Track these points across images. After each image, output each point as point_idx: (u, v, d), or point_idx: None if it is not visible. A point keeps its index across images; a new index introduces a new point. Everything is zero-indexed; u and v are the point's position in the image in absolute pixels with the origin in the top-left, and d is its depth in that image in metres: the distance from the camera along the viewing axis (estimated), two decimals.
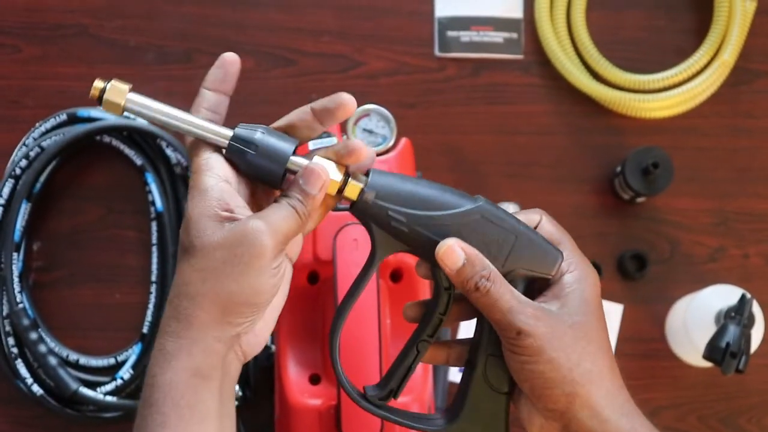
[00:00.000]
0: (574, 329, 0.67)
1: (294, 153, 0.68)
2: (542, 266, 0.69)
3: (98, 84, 0.70)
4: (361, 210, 0.68)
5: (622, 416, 0.69)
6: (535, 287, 0.70)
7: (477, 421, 0.71)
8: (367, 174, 0.69)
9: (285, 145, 0.68)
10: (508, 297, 0.67)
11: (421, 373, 0.90)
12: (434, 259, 0.68)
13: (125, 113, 0.71)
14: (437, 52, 1.15)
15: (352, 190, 0.68)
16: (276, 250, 0.65)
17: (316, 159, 0.68)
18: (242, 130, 0.68)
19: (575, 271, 0.70)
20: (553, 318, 0.67)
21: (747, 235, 1.13)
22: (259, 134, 0.68)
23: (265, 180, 0.68)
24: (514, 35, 1.16)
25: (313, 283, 0.91)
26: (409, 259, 0.91)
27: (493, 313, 0.67)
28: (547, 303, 0.69)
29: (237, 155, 0.67)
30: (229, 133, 0.68)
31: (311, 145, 0.93)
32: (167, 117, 0.70)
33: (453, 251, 0.67)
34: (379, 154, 0.95)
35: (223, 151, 0.68)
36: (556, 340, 0.66)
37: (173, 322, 0.66)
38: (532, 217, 0.73)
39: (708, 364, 1.04)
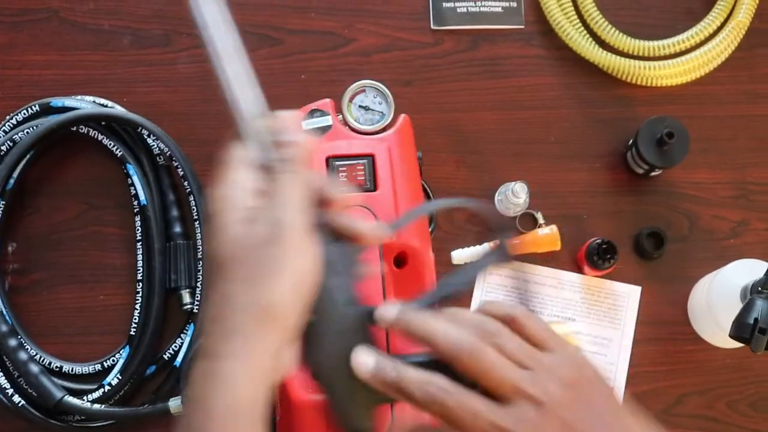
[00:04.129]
0: None
1: None
2: None
3: None
4: None
5: None
6: None
7: None
8: None
9: None
10: None
11: None
12: None
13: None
14: (432, 26, 1.14)
15: None
16: (304, 227, 0.64)
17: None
18: None
19: None
20: None
21: None
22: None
23: None
24: (514, 4, 1.15)
25: None
26: (414, 243, 0.90)
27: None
28: None
29: None
30: None
31: (305, 124, 0.92)
32: None
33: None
34: (377, 132, 0.94)
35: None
36: None
37: (225, 341, 0.62)
38: None
39: (735, 345, 1.03)
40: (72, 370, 1.05)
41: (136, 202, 1.06)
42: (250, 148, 0.65)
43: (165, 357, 1.05)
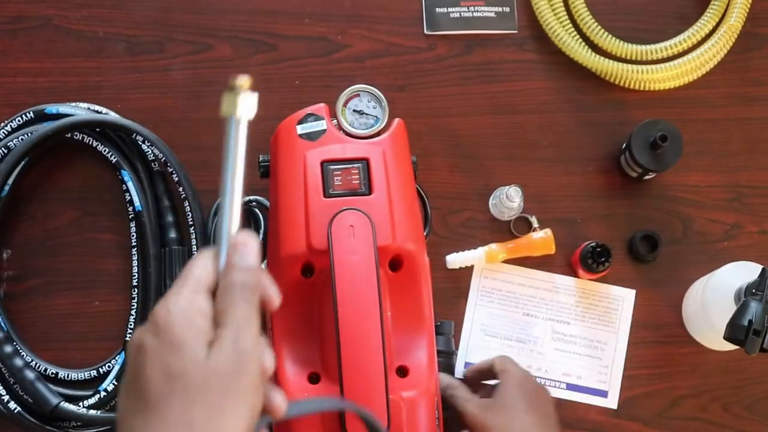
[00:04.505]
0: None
1: None
2: None
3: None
4: None
5: None
6: None
7: None
8: None
9: None
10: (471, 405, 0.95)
11: (427, 365, 0.89)
12: None
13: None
14: (426, 31, 1.15)
15: None
16: (261, 358, 0.65)
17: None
18: None
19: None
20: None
21: (763, 209, 1.13)
22: None
23: None
24: (507, 9, 1.15)
25: (308, 276, 0.90)
26: (409, 246, 0.90)
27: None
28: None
29: None
30: None
31: (300, 129, 0.93)
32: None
33: None
34: (371, 136, 0.94)
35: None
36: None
37: None
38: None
39: (730, 347, 1.04)
40: (68, 377, 1.05)
41: (131, 208, 1.07)
42: (214, 259, 0.66)
43: None
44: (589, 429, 1.08)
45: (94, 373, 1.05)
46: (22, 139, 1.05)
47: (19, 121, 1.07)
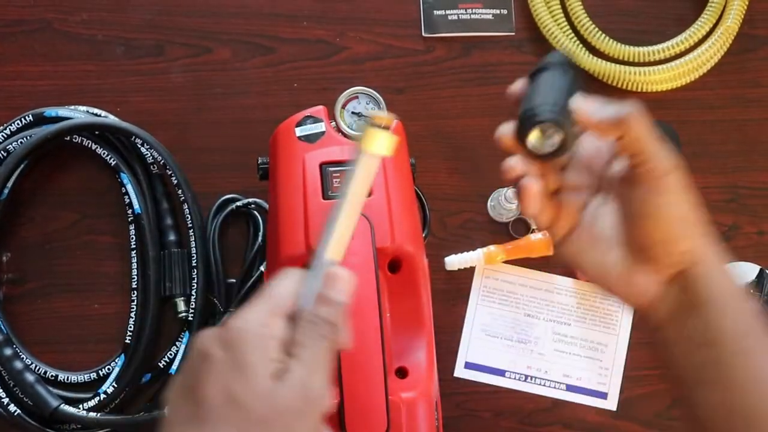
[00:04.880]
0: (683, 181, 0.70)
1: None
2: None
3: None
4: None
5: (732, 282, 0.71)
6: None
7: None
8: None
9: None
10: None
11: (426, 366, 0.90)
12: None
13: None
14: (424, 33, 1.15)
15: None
16: (326, 401, 0.64)
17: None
18: None
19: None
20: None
21: (761, 210, 1.13)
22: None
23: None
24: (504, 11, 1.16)
25: None
26: (408, 248, 0.91)
27: (648, 144, 0.68)
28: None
29: None
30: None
31: (298, 131, 0.93)
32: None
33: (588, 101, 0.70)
34: None
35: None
36: (681, 178, 0.69)
37: None
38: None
39: None
40: (67, 379, 1.05)
41: (130, 211, 1.07)
42: (300, 283, 0.65)
43: (160, 365, 1.06)
44: (589, 430, 1.09)
45: (93, 375, 1.05)
46: (21, 142, 1.06)
47: (18, 124, 1.07)
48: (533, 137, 0.70)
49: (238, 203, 1.08)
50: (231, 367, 0.60)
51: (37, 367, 1.05)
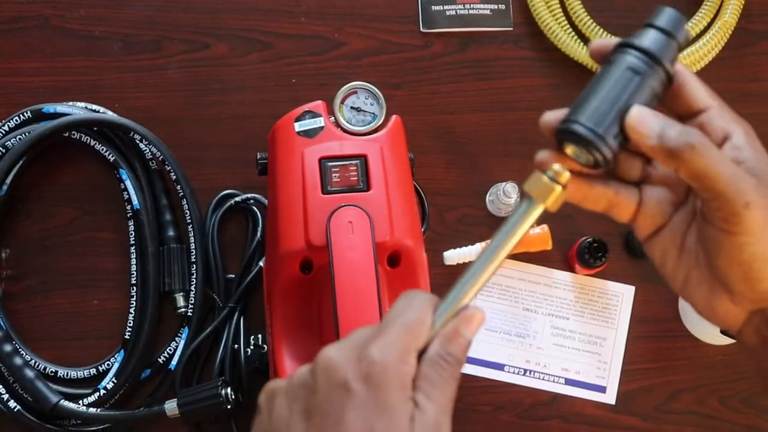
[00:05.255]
0: None
1: None
2: None
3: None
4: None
5: None
6: None
7: None
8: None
9: None
10: (726, 159, 0.61)
11: None
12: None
13: None
14: (422, 28, 1.16)
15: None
16: None
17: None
18: None
19: (739, 130, 0.65)
20: (762, 186, 0.62)
21: None
22: None
23: None
24: (502, 6, 1.16)
25: (307, 273, 0.91)
26: (407, 242, 0.91)
27: (712, 182, 0.61)
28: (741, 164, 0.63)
29: None
30: None
31: (297, 126, 0.94)
32: None
33: (644, 118, 0.62)
34: (369, 133, 0.95)
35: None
36: None
37: None
38: None
39: (726, 341, 1.05)
40: (67, 375, 1.06)
41: (129, 207, 1.07)
42: (433, 313, 0.63)
43: (160, 360, 1.06)
44: (587, 423, 1.09)
45: (93, 371, 1.06)
46: (19, 138, 1.06)
47: (16, 120, 1.08)
48: (569, 150, 0.66)
49: (237, 199, 1.09)
50: (374, 405, 0.58)
51: (37, 363, 1.05)
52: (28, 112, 1.08)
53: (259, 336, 1.04)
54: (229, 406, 1.00)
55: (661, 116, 0.63)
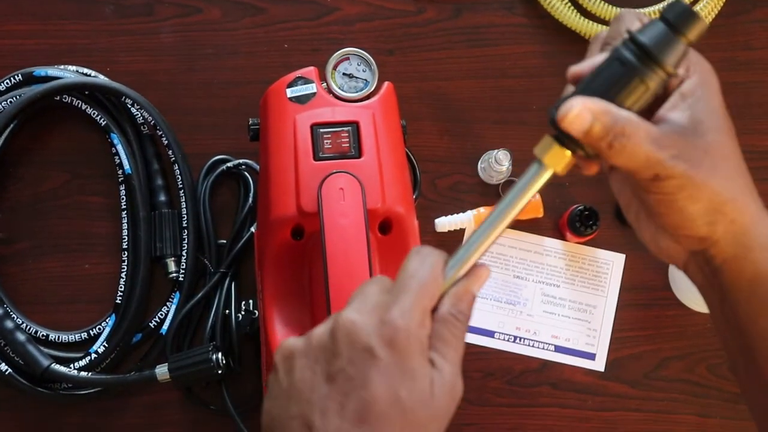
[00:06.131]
0: (711, 153, 0.65)
1: None
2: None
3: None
4: None
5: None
6: None
7: None
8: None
9: None
10: (645, 149, 0.63)
11: None
12: None
13: None
14: None
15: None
16: None
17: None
18: None
19: (694, 76, 0.67)
20: (689, 148, 0.64)
21: (751, 173, 1.12)
22: None
23: None
24: None
25: (298, 239, 0.91)
26: (398, 209, 0.91)
27: (628, 165, 0.64)
28: (673, 121, 0.65)
29: None
30: None
31: (289, 92, 0.93)
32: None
33: (578, 115, 0.63)
34: (361, 99, 0.95)
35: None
36: (696, 174, 0.63)
37: None
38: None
39: None
40: (58, 339, 1.06)
41: (120, 172, 1.07)
42: (444, 271, 0.65)
43: (151, 325, 1.06)
44: (576, 390, 1.10)
45: (84, 335, 1.06)
46: (10, 101, 1.06)
47: (7, 83, 1.07)
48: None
49: (229, 164, 1.09)
50: (398, 371, 0.60)
51: (28, 327, 1.06)
52: (19, 75, 1.08)
53: (251, 301, 1.04)
54: (220, 371, 1.01)
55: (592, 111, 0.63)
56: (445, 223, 1.09)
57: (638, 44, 0.63)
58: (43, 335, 1.06)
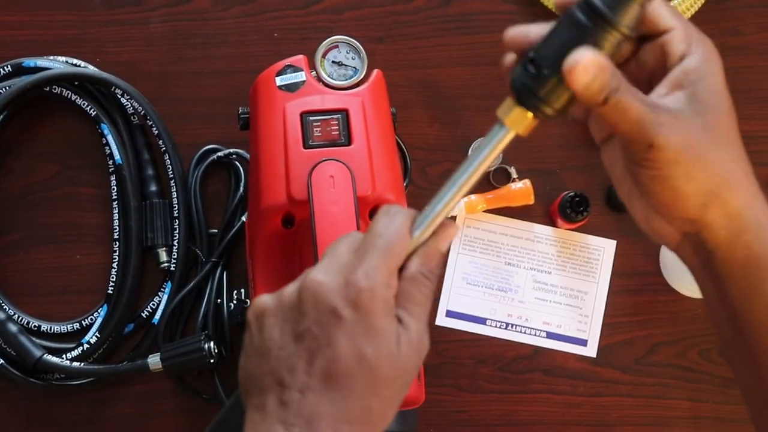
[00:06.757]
0: (709, 132, 0.63)
1: None
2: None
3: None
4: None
5: (762, 226, 0.65)
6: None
7: None
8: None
9: None
10: (638, 106, 0.61)
11: None
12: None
13: None
14: None
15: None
16: None
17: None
18: None
19: (697, 53, 0.65)
20: (687, 123, 0.62)
21: None
22: None
23: None
24: None
25: (289, 227, 0.91)
26: (389, 196, 0.91)
27: (621, 125, 0.62)
28: (672, 98, 0.64)
29: None
30: None
31: (279, 81, 0.93)
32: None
33: (586, 68, 0.60)
34: (350, 87, 0.95)
35: None
36: (692, 150, 0.62)
37: None
38: None
39: None
40: (50, 329, 1.06)
41: (111, 162, 1.07)
42: (411, 229, 0.65)
43: (143, 315, 1.07)
44: (568, 376, 1.10)
45: (76, 326, 1.06)
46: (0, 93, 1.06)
47: None
48: None
49: (219, 153, 1.09)
50: (363, 330, 0.60)
51: (20, 318, 1.06)
52: (8, 66, 1.08)
53: (242, 290, 1.04)
54: (212, 360, 1.01)
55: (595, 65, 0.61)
56: None
57: (589, 4, 0.62)
58: (35, 326, 1.06)
